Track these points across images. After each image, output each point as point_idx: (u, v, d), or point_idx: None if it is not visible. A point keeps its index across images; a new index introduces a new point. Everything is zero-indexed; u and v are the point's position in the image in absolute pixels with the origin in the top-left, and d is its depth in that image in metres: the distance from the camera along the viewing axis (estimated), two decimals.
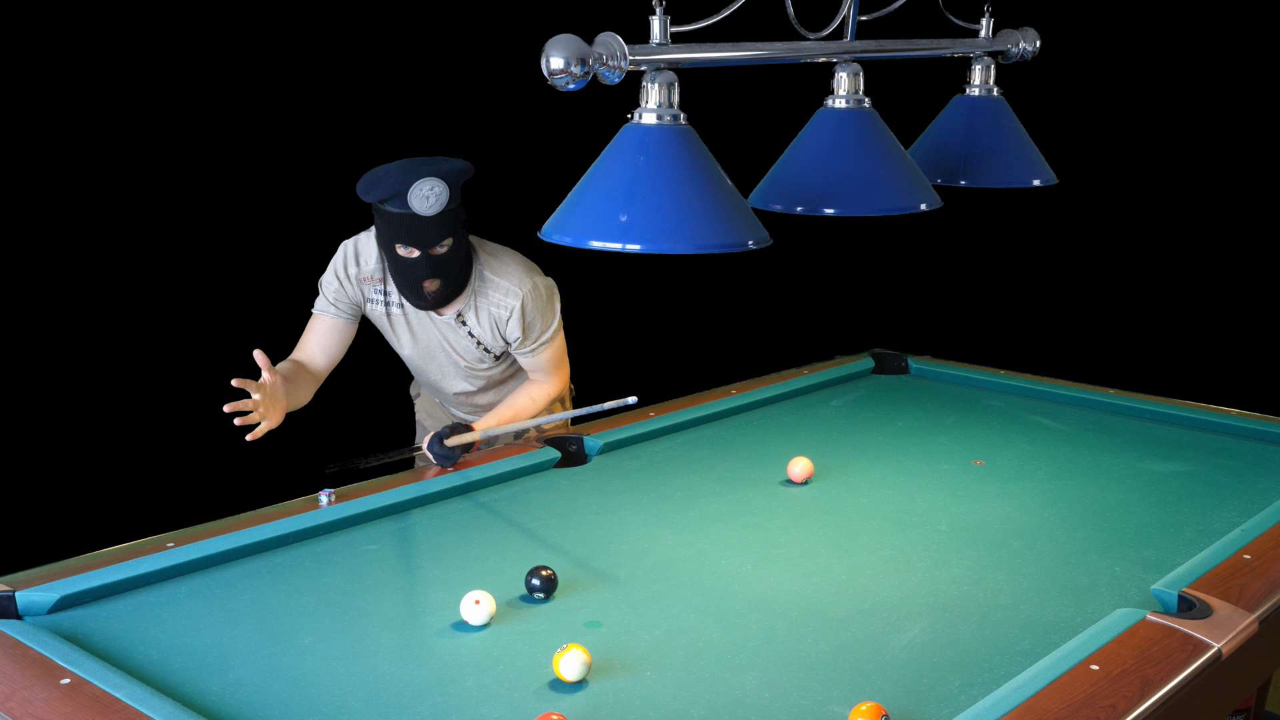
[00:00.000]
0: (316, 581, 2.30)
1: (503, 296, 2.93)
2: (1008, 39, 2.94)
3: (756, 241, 2.00)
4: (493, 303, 2.94)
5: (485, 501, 2.72)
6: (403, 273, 2.84)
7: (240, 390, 2.62)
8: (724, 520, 2.64)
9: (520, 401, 3.04)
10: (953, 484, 2.88)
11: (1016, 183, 2.93)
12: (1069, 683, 1.89)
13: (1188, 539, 2.56)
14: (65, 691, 1.80)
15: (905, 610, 2.23)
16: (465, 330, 2.97)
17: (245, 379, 2.61)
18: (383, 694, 1.90)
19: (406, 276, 2.84)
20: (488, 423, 2.95)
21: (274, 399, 2.69)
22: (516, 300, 2.93)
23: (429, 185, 2.71)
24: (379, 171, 2.77)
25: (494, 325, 2.96)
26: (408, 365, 3.19)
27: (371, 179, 2.77)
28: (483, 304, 2.94)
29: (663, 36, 2.04)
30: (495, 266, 2.95)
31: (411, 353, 3.08)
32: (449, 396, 3.20)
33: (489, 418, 2.98)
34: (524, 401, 3.04)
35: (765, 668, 2.01)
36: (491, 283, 2.93)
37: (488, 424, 2.94)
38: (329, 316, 2.99)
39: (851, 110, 2.51)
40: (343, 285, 2.96)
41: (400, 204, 2.73)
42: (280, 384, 2.72)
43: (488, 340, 2.99)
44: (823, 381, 3.64)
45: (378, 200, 2.76)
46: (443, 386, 3.15)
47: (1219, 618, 2.12)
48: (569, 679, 1.94)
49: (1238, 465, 3.02)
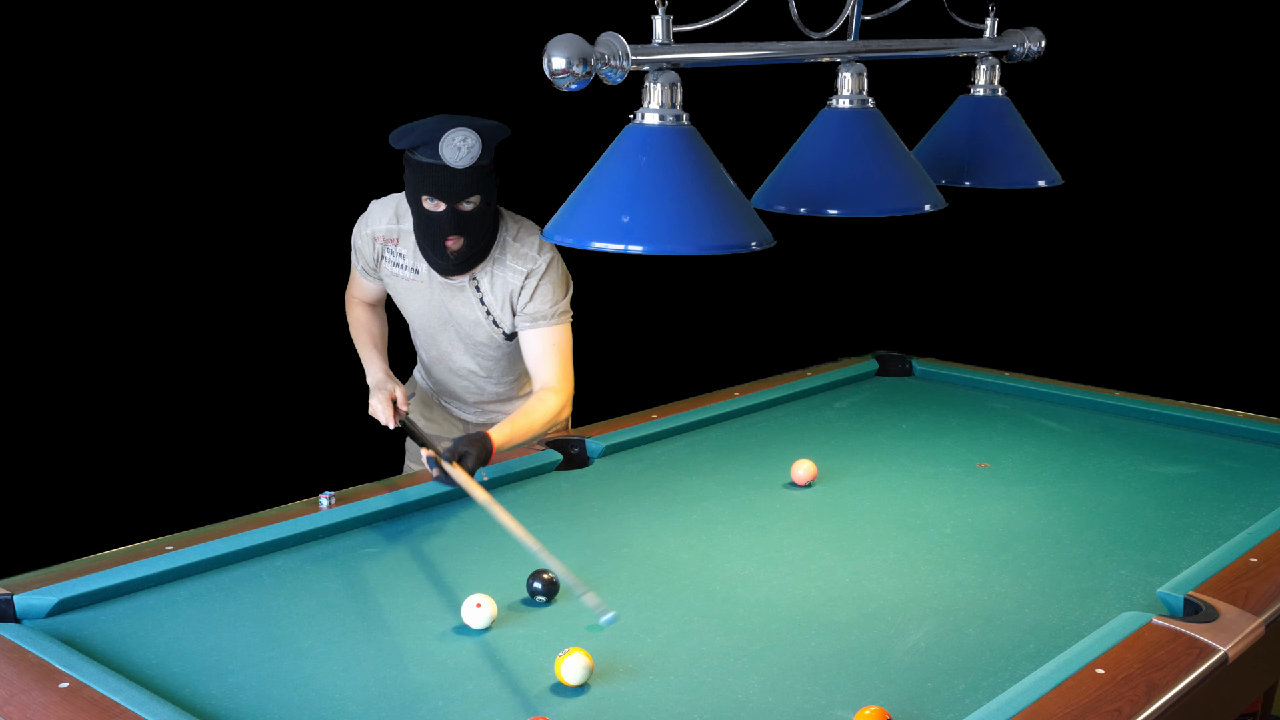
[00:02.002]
0: (317, 585, 2.29)
1: (521, 264, 2.91)
2: (1012, 39, 2.93)
3: (759, 242, 1.99)
4: (510, 269, 2.92)
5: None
6: (426, 228, 2.83)
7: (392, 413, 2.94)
8: (727, 523, 2.63)
9: (534, 407, 2.90)
10: (957, 487, 2.87)
11: (1021, 183, 2.92)
12: (1074, 687, 1.88)
13: (1194, 542, 2.55)
14: (64, 695, 1.79)
15: (909, 614, 2.22)
16: (477, 295, 2.94)
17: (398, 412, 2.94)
18: (383, 698, 1.89)
19: (430, 232, 2.83)
20: (504, 430, 2.79)
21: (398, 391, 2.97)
22: (534, 266, 2.91)
23: (461, 135, 2.72)
24: (411, 123, 2.79)
25: (506, 294, 2.94)
26: (416, 338, 3.19)
27: (405, 127, 2.78)
28: (499, 271, 2.92)
29: (665, 36, 2.03)
30: (520, 234, 2.95)
31: (422, 319, 3.07)
32: (457, 377, 3.14)
33: (504, 426, 2.82)
34: (537, 407, 2.91)
35: (768, 671, 2.00)
36: (512, 249, 2.92)
37: (504, 432, 2.79)
38: (356, 271, 3.13)
39: (855, 110, 2.50)
40: (358, 247, 3.06)
41: (431, 152, 2.73)
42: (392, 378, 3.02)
43: (497, 311, 2.96)
44: (826, 384, 3.63)
45: (409, 147, 2.77)
46: (452, 361, 3.11)
47: (1225, 621, 2.11)
48: (571, 683, 1.93)
49: (1244, 468, 3.00)
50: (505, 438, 2.78)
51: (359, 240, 3.06)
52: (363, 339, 3.15)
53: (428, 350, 3.16)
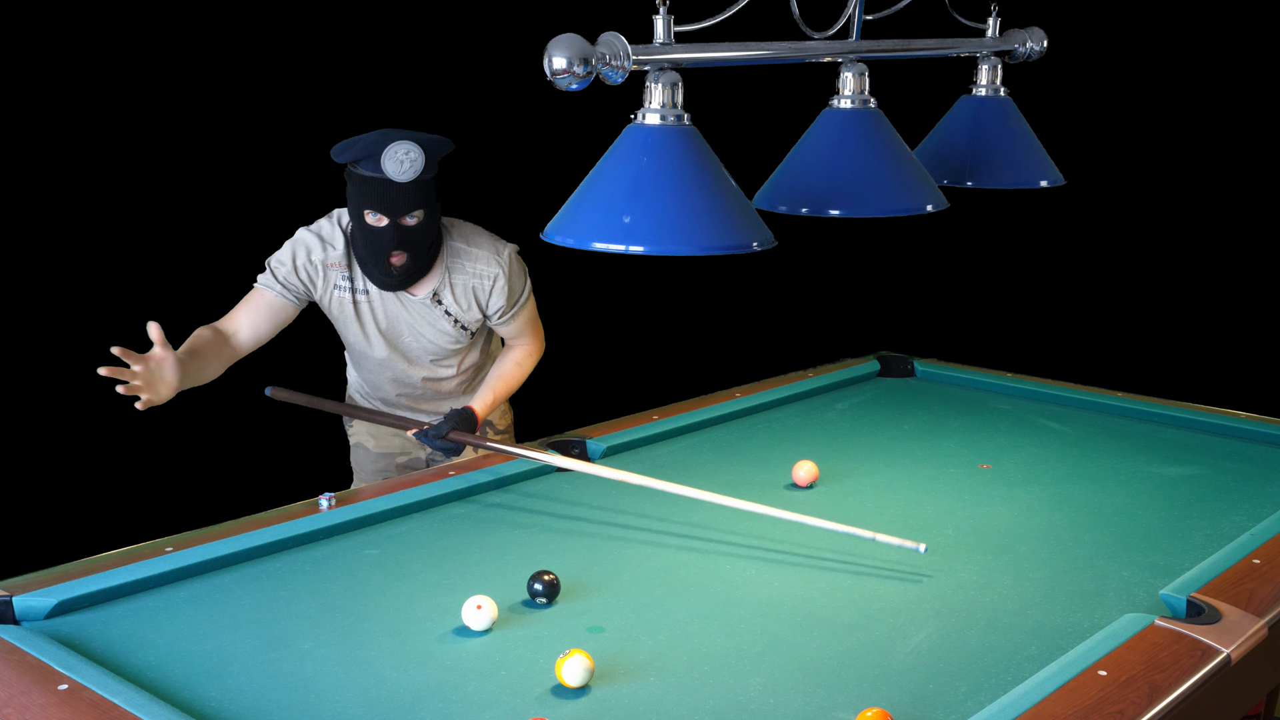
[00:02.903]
0: (316, 586, 2.29)
1: (484, 267, 2.89)
2: (1014, 38, 2.93)
3: (761, 243, 1.98)
4: (472, 274, 2.89)
5: (487, 505, 2.70)
6: (369, 243, 2.77)
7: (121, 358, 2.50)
8: (728, 524, 2.62)
9: (508, 370, 3.02)
10: (959, 488, 2.86)
11: (1023, 184, 2.92)
12: (1076, 689, 1.88)
13: (1197, 543, 2.55)
14: (63, 698, 1.79)
15: (911, 615, 2.21)
16: (441, 310, 2.91)
17: (127, 350, 2.49)
18: (383, 700, 1.89)
19: (373, 247, 2.77)
20: (485, 399, 2.92)
21: (157, 375, 2.55)
22: (499, 269, 2.90)
23: (404, 149, 2.67)
24: (354, 136, 2.74)
25: (473, 298, 2.91)
26: (358, 363, 3.05)
27: (347, 141, 2.73)
28: (459, 279, 2.89)
29: (666, 36, 2.02)
30: (468, 237, 2.91)
31: (376, 344, 2.95)
32: (407, 386, 3.05)
33: (484, 394, 2.94)
34: (511, 369, 3.02)
35: (769, 673, 2.00)
36: (466, 254, 2.89)
37: (485, 400, 2.92)
38: (272, 294, 2.85)
39: (857, 110, 2.49)
40: (296, 270, 2.85)
41: (373, 166, 2.68)
42: (173, 362, 2.57)
43: (465, 317, 2.94)
44: (828, 384, 3.62)
45: (350, 160, 2.72)
46: (409, 377, 3.03)
47: (1228, 623, 2.11)
48: (572, 685, 1.92)
49: (1247, 469, 3.00)
50: (486, 406, 2.93)
51: (301, 273, 2.86)
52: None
53: (380, 372, 3.03)
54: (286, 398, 2.89)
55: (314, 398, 2.92)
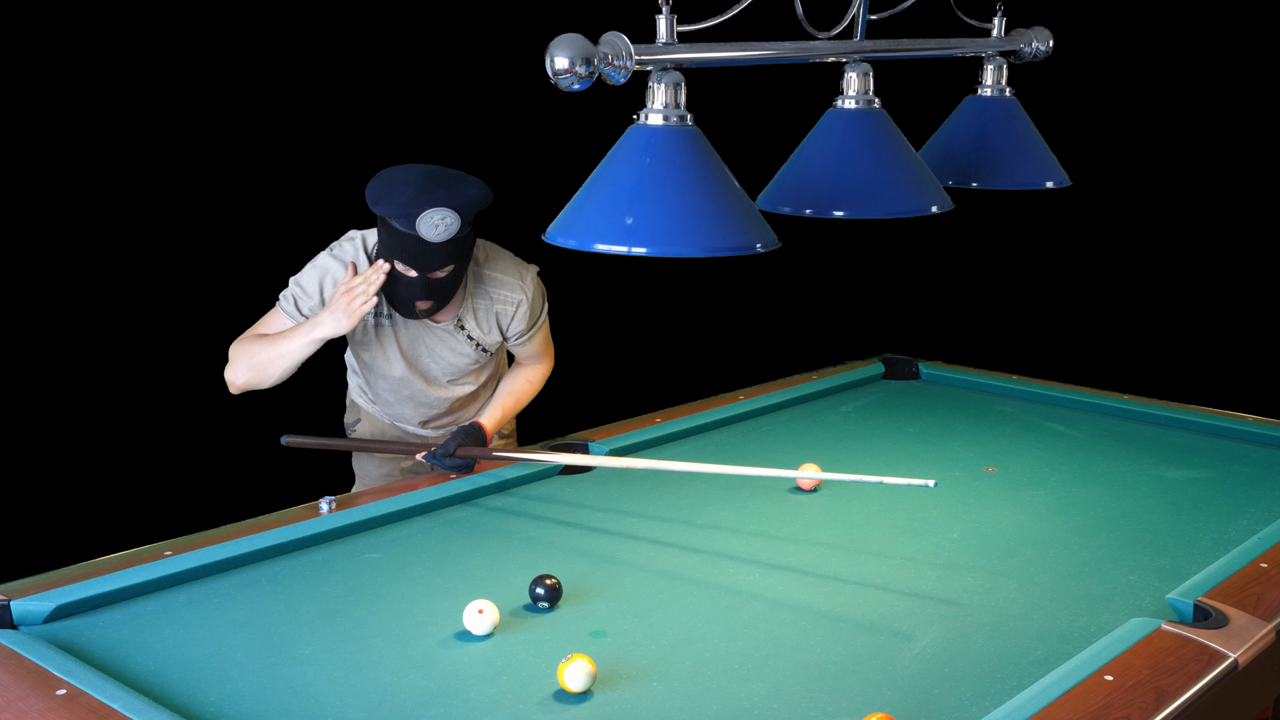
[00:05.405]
0: (317, 591, 2.28)
1: (508, 293, 2.88)
2: (1020, 38, 2.92)
3: (764, 244, 1.98)
4: (495, 300, 2.88)
5: (488, 509, 2.69)
6: (397, 286, 2.74)
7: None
8: (731, 528, 2.61)
9: (519, 386, 3.03)
10: (964, 491, 2.85)
11: (1029, 185, 2.91)
12: (1082, 694, 1.87)
13: (1203, 547, 2.54)
14: (61, 702, 1.78)
15: (916, 619, 2.20)
16: (464, 334, 2.91)
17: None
18: (384, 705, 1.88)
19: (400, 292, 2.74)
20: (494, 414, 2.93)
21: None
22: (523, 295, 2.89)
23: (440, 215, 2.60)
24: (391, 180, 2.65)
25: (495, 322, 2.91)
26: (371, 378, 2.99)
27: (382, 188, 2.65)
28: (483, 304, 2.88)
29: (669, 36, 2.02)
30: (493, 261, 2.89)
31: (395, 364, 2.92)
32: (422, 406, 3.02)
33: (493, 409, 2.95)
34: (522, 385, 3.04)
35: (774, 678, 1.99)
36: (492, 279, 2.88)
37: (494, 415, 2.93)
38: (293, 323, 2.82)
39: (861, 111, 2.48)
40: (325, 303, 2.79)
41: (408, 224, 2.62)
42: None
43: (486, 340, 2.93)
44: (832, 387, 3.61)
45: (384, 215, 2.66)
46: (425, 396, 2.99)
47: (1235, 627, 2.10)
48: (574, 690, 1.91)
49: (1254, 472, 2.98)
50: (496, 422, 2.93)
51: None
52: (284, 332, 2.80)
53: (394, 389, 2.99)
54: (302, 444, 2.87)
55: (328, 440, 2.93)
